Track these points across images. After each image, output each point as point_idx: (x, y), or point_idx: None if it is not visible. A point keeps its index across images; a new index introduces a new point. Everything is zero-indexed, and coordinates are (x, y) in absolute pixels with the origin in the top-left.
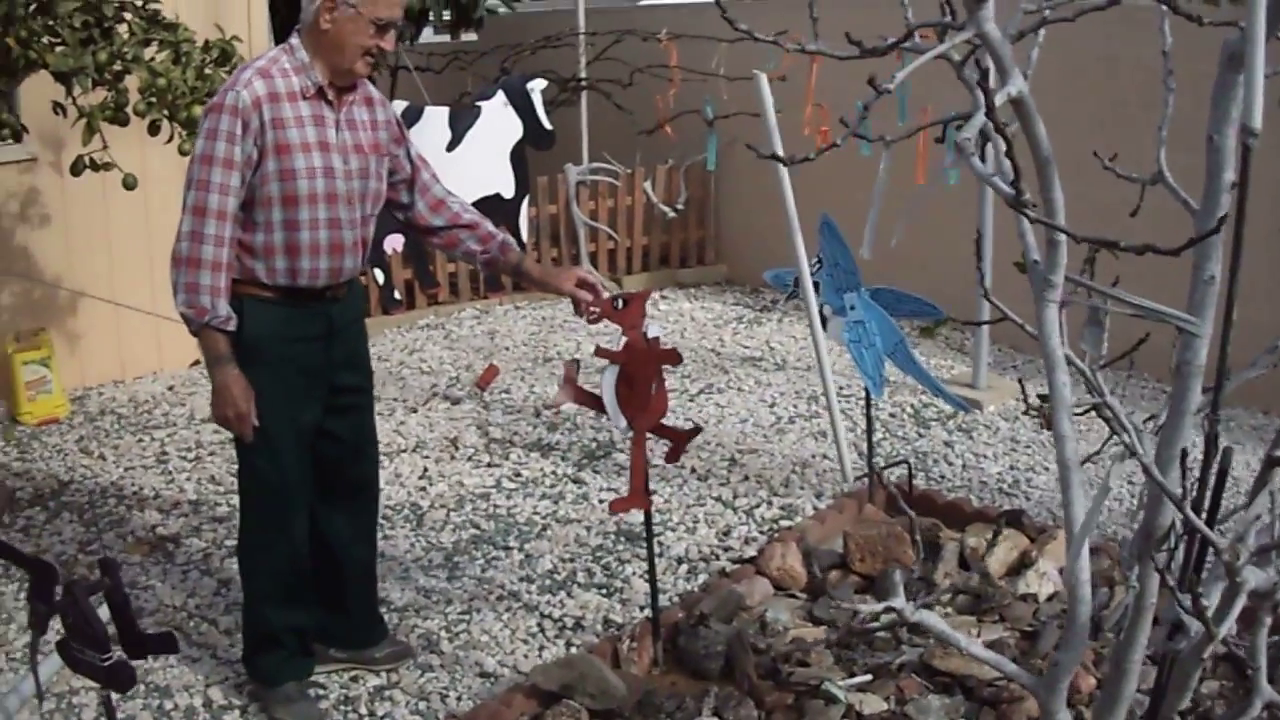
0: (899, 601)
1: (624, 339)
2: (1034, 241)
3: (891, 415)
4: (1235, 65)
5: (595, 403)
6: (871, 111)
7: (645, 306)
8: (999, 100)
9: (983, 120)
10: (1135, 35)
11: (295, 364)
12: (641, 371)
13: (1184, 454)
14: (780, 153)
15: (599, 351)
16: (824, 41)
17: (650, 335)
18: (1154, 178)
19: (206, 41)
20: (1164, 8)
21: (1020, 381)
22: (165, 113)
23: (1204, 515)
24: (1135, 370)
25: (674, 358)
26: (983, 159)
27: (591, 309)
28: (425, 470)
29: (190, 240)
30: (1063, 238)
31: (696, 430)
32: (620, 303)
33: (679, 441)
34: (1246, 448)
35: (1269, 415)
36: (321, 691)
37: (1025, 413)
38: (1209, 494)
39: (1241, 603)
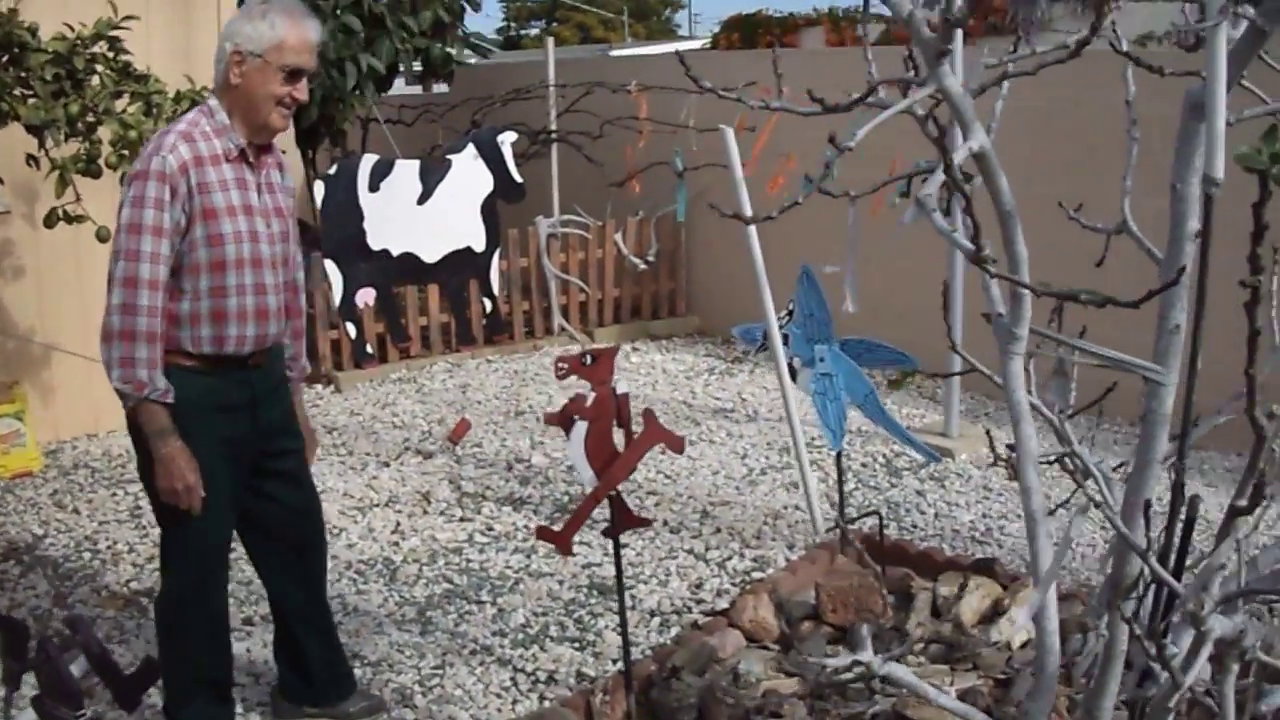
0: (866, 655)
1: (593, 394)
2: (999, 294)
3: (863, 465)
4: (1198, 114)
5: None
6: (838, 165)
7: (614, 362)
8: (960, 157)
9: (942, 177)
10: (1104, 80)
11: (219, 433)
12: (610, 427)
13: (1147, 504)
14: (747, 205)
15: (566, 409)
16: (792, 93)
17: (619, 392)
18: (1118, 227)
19: (178, 92)
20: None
21: (988, 433)
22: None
23: (1171, 563)
24: (1105, 416)
25: (678, 445)
26: (947, 213)
27: (560, 364)
28: (398, 525)
29: (122, 313)
30: (1026, 291)
31: (647, 523)
32: (589, 359)
33: (627, 522)
34: (1220, 490)
35: (1243, 457)
36: None
37: (993, 464)
38: (1176, 541)
39: (1208, 651)
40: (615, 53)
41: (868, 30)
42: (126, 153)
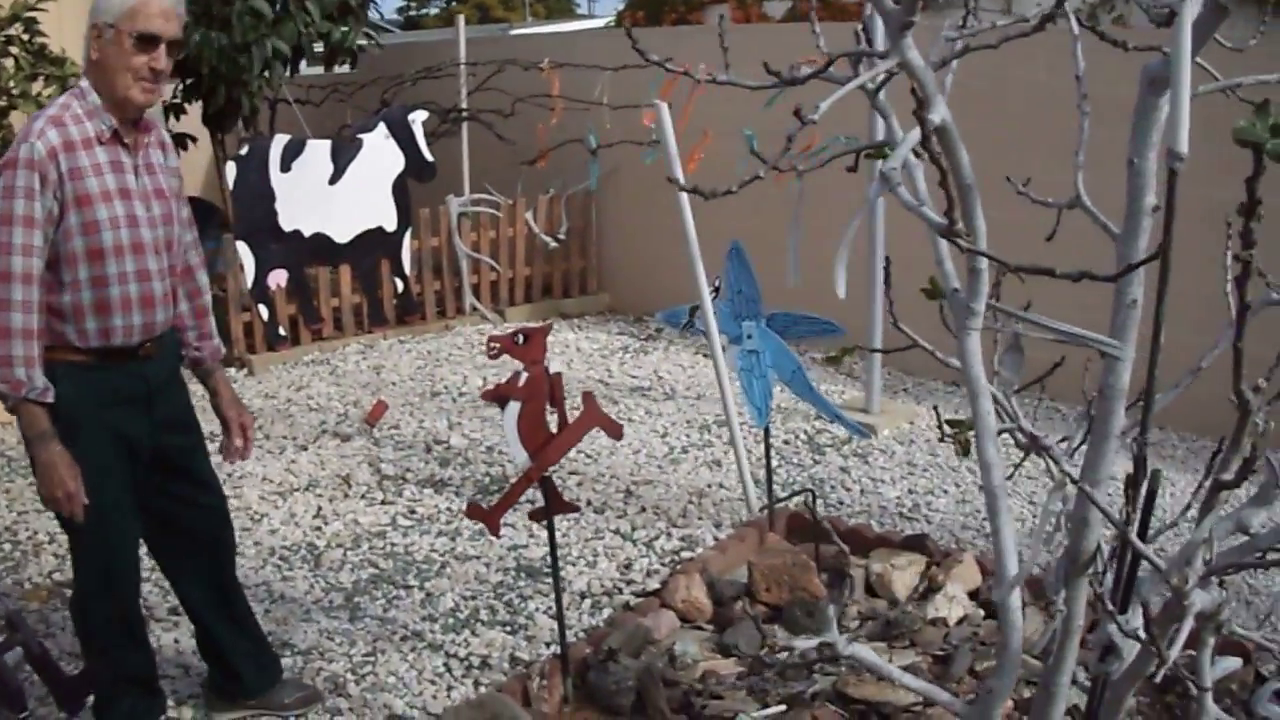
0: (833, 636)
1: (525, 374)
2: (953, 269)
3: (786, 442)
4: (1156, 88)
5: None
6: (757, 141)
7: (546, 341)
8: (917, 133)
9: (906, 152)
10: (1058, 56)
11: (115, 429)
12: (544, 407)
13: (1143, 478)
14: (682, 179)
15: (499, 388)
16: (709, 69)
17: (552, 371)
18: (1071, 202)
19: None
20: (1078, 32)
21: (936, 409)
22: None
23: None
24: (1043, 396)
25: (616, 431)
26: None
27: (492, 344)
28: (319, 509)
29: None
30: (985, 265)
31: (576, 508)
32: (521, 338)
33: (558, 507)
34: (1172, 468)
35: (1199, 439)
36: None
37: (942, 440)
38: (1138, 516)
39: (1189, 625)
40: (515, 32)
41: (772, 6)
42: None
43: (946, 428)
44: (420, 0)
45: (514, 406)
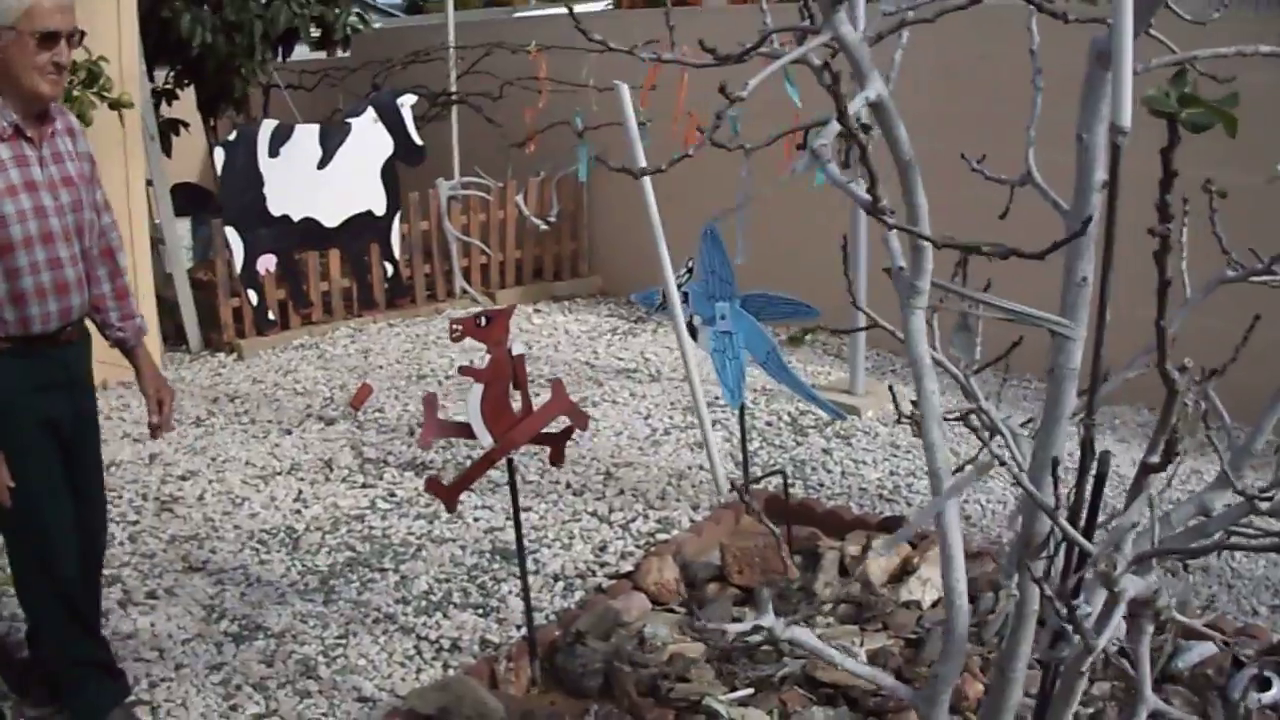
0: (768, 619)
1: (488, 356)
2: (899, 247)
3: (768, 424)
4: (1104, 62)
5: (462, 431)
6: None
7: (509, 324)
8: (856, 105)
9: (837, 127)
10: (1012, 33)
11: (41, 414)
12: (507, 389)
13: (1055, 462)
14: (641, 161)
15: (464, 370)
16: (693, 51)
17: (515, 353)
18: (1022, 179)
19: (74, 63)
20: (1031, 6)
21: (892, 390)
22: None
23: (1082, 521)
24: (1015, 372)
25: (583, 422)
26: (846, 164)
27: (455, 326)
28: (300, 493)
29: None
30: (928, 243)
31: (568, 431)
32: (484, 320)
33: (555, 444)
34: (1132, 445)
35: (1155, 412)
36: None
37: (897, 422)
38: (1087, 499)
39: (1121, 612)
40: (518, 14)
41: None
42: None
43: (907, 408)
44: None
45: (478, 389)
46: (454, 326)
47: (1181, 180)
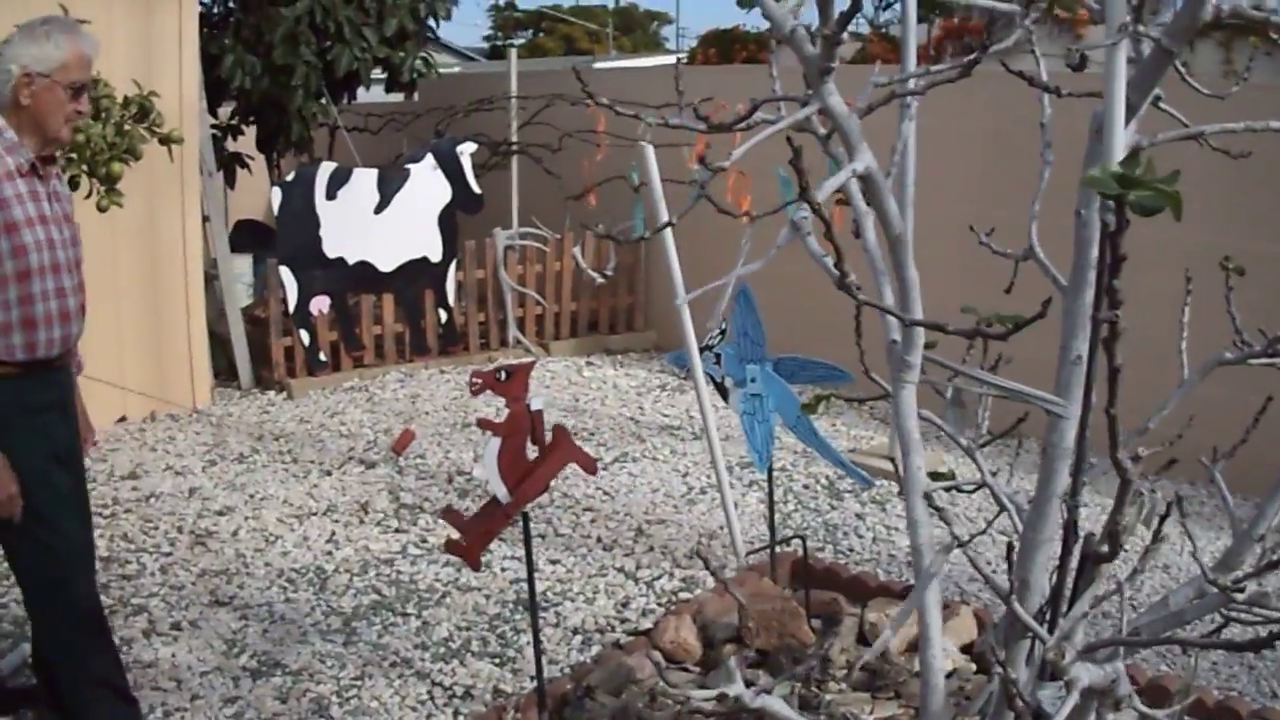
0: (735, 688)
1: (508, 410)
2: (893, 321)
3: (805, 487)
4: (1103, 136)
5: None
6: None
7: (529, 379)
8: (841, 178)
9: (822, 197)
10: (1062, 101)
11: (46, 433)
12: (525, 444)
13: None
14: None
15: (481, 423)
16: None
17: (534, 408)
18: (1026, 253)
19: (125, 97)
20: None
21: (893, 461)
22: (84, 168)
23: (1066, 603)
24: (1031, 439)
25: (590, 466)
26: (857, 235)
27: (474, 380)
28: (333, 534)
29: None
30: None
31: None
32: (504, 374)
33: (582, 460)
34: (1199, 524)
35: (1244, 498)
36: None
37: (899, 494)
38: (1069, 581)
39: (1073, 701)
40: (599, 65)
41: (776, 48)
42: (74, 156)
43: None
44: (507, 31)
45: (495, 442)
46: (473, 380)
47: (1201, 246)
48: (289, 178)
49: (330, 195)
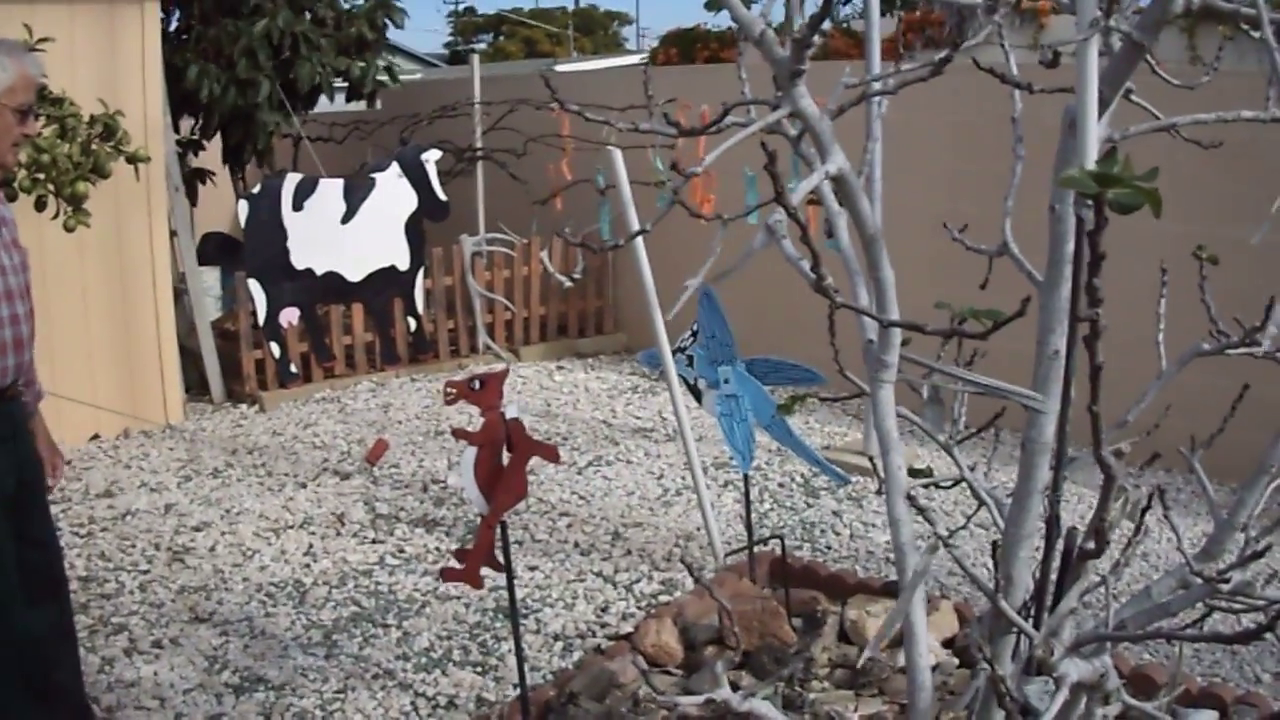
0: (722, 692)
1: (482, 419)
2: (869, 321)
3: (781, 485)
4: (1075, 131)
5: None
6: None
7: (503, 387)
8: (815, 180)
9: (797, 200)
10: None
11: None
12: (500, 452)
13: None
14: (635, 224)
15: (455, 433)
16: (712, 110)
17: (509, 416)
18: (1000, 249)
19: (91, 116)
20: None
21: (871, 460)
22: (50, 188)
23: (1049, 599)
24: (1010, 432)
25: (552, 454)
26: (830, 235)
27: (448, 390)
28: (310, 546)
29: None
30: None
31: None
32: (477, 383)
33: (543, 451)
34: (1178, 511)
35: (1220, 484)
36: None
37: (878, 492)
38: (1052, 577)
39: (1063, 697)
40: (561, 67)
41: (744, 48)
42: (41, 176)
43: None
44: (466, 36)
45: (470, 452)
46: (448, 389)
47: (1175, 236)
48: (255, 190)
49: (297, 206)
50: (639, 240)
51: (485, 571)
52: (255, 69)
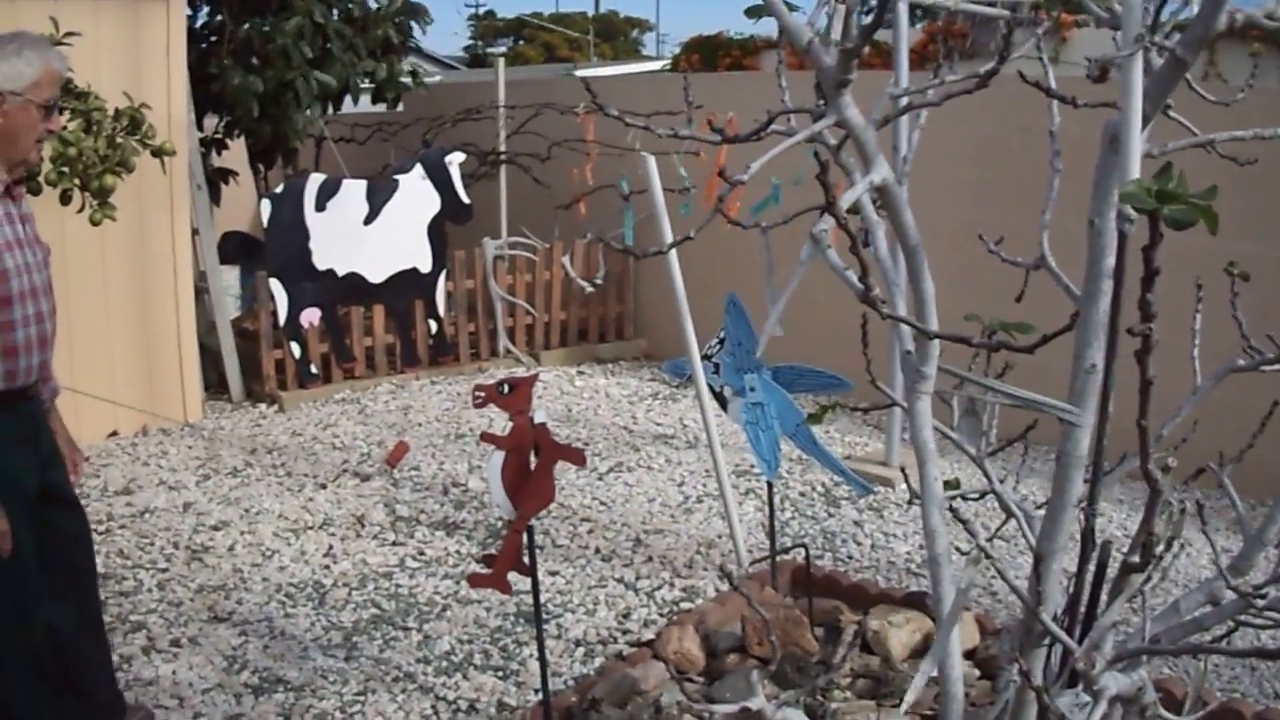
0: (758, 701)
1: (510, 424)
2: (907, 332)
3: (802, 494)
4: (1117, 146)
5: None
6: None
7: (531, 391)
8: (860, 190)
9: (841, 210)
10: (1023, 104)
11: (16, 466)
12: (528, 457)
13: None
14: (668, 232)
15: (484, 437)
16: (739, 118)
17: (537, 420)
18: (1037, 262)
19: (117, 110)
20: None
21: (903, 470)
22: (76, 182)
23: (1082, 611)
24: (1041, 446)
25: (578, 458)
26: (866, 244)
27: (477, 393)
28: (330, 548)
29: None
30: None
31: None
32: (506, 388)
33: (569, 455)
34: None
35: (1259, 502)
36: None
37: (909, 503)
38: (1087, 590)
39: (1102, 710)
40: (580, 73)
41: (783, 58)
42: (66, 170)
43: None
44: (487, 39)
45: (498, 456)
46: (477, 393)
47: (1205, 253)
48: (278, 190)
49: (319, 207)
50: (673, 255)
51: (510, 576)
52: (288, 69)
